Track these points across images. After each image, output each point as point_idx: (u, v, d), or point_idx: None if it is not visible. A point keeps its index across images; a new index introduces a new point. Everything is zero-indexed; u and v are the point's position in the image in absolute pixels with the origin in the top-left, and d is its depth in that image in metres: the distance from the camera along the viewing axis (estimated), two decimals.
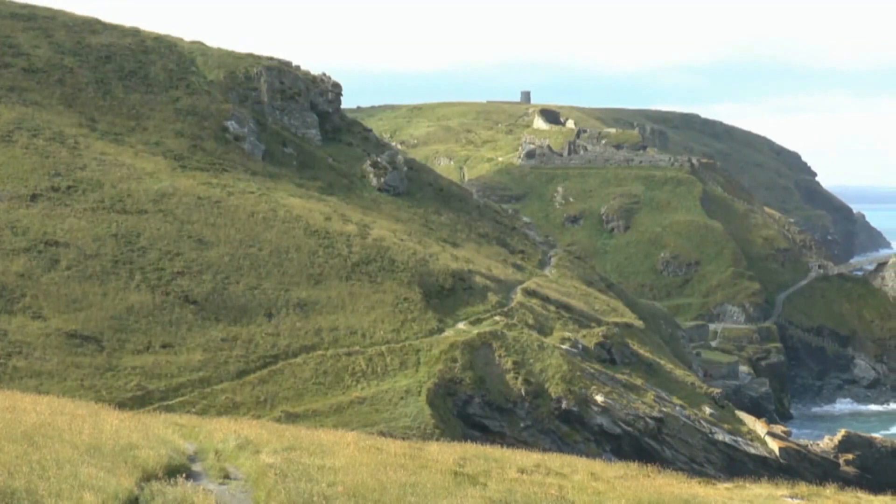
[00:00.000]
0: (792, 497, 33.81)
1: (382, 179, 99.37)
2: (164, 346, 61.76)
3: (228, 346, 63.42)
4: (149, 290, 65.98)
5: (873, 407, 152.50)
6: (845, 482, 57.36)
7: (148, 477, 21.69)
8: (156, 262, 68.90)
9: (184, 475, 22.46)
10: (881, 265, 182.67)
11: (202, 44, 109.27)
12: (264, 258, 73.23)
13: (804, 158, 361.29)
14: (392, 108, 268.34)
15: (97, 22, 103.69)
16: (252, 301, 68.36)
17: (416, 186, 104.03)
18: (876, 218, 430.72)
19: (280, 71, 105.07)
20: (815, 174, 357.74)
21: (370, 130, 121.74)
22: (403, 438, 44.92)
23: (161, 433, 29.98)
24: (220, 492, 22.48)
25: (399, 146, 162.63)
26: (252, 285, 69.79)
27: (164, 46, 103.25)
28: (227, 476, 24.68)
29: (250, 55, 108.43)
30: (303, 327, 67.04)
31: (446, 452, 34.68)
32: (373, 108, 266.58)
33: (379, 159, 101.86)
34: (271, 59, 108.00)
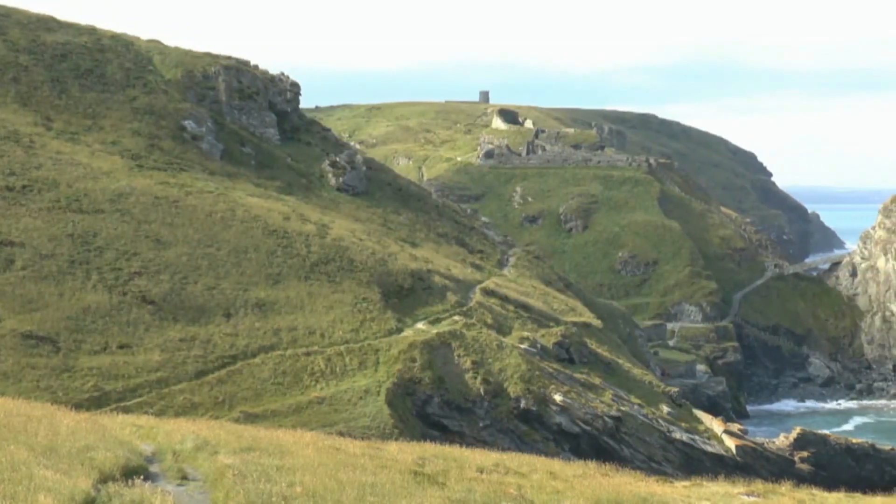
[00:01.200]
0: (748, 494, 34.07)
1: (341, 179, 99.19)
2: (121, 347, 61.34)
3: (186, 347, 63.08)
4: (106, 290, 65.52)
5: (828, 405, 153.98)
6: (800, 479, 57.88)
7: (105, 479, 21.53)
8: (113, 262, 68.43)
9: (141, 476, 22.31)
10: (835, 265, 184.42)
11: (159, 43, 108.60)
12: (223, 258, 72.90)
13: (760, 159, 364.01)
14: (351, 107, 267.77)
15: (52, 20, 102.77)
16: (210, 301, 68.04)
17: (375, 186, 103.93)
18: (830, 218, 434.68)
19: (238, 70, 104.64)
20: (770, 174, 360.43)
21: (329, 130, 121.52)
22: (362, 438, 44.85)
23: (118, 434, 29.79)
24: (177, 493, 22.35)
25: (358, 146, 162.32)
26: (210, 285, 69.47)
27: (121, 45, 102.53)
28: (185, 477, 24.55)
29: (208, 54, 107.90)
30: (261, 327, 66.80)
31: (405, 452, 34.67)
32: (331, 107, 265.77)
33: (338, 159, 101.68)
34: (229, 58, 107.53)
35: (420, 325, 73.39)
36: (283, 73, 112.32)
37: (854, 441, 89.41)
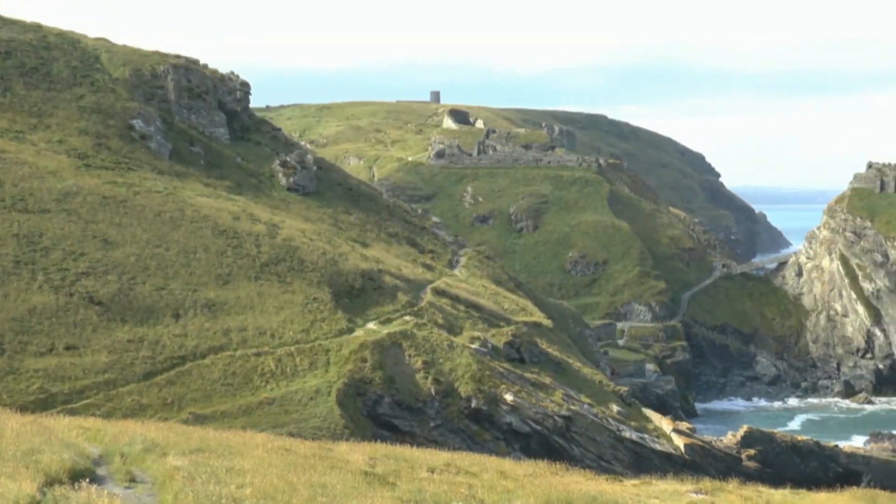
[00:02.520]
0: (696, 492, 34.39)
1: (292, 179, 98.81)
2: (67, 348, 60.75)
3: (135, 348, 62.58)
4: (52, 290, 64.86)
5: (774, 403, 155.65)
6: (747, 477, 58.54)
7: (51, 482, 21.33)
8: (59, 262, 67.75)
9: (88, 479, 22.13)
10: (782, 264, 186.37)
11: (107, 41, 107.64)
12: (171, 258, 72.41)
13: (708, 159, 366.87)
14: (301, 107, 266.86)
15: None
16: (159, 302, 67.55)
17: (325, 186, 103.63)
18: (777, 218, 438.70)
19: (187, 69, 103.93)
20: (718, 175, 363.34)
21: (279, 129, 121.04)
22: (313, 439, 44.76)
23: (65, 437, 29.52)
24: (125, 495, 22.19)
25: (308, 145, 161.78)
26: (159, 286, 68.97)
27: (68, 43, 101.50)
28: (133, 479, 24.38)
29: (156, 53, 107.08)
30: (211, 328, 66.41)
31: (356, 452, 34.66)
32: (282, 107, 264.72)
33: (288, 158, 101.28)
34: (178, 57, 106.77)
35: (371, 326, 73.28)
36: (232, 73, 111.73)
37: (799, 438, 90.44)
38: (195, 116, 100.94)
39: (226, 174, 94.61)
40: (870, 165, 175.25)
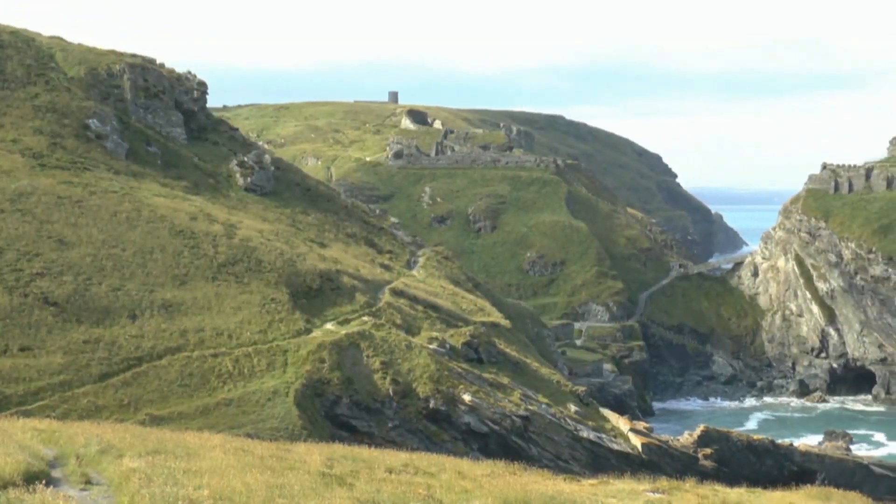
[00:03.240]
0: (653, 491, 34.58)
1: (249, 179, 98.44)
2: (22, 349, 60.27)
3: (90, 349, 62.17)
4: (6, 291, 64.30)
5: (730, 402, 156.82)
6: (704, 476, 58.98)
7: (5, 484, 21.16)
8: (13, 262, 67.17)
9: (43, 482, 21.95)
10: (738, 264, 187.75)
11: (62, 39, 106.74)
12: (128, 259, 71.97)
13: (665, 160, 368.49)
14: (259, 107, 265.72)
15: None
16: (115, 302, 67.14)
17: (283, 186, 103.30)
18: (733, 218, 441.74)
19: (143, 68, 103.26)
20: (675, 175, 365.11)
21: (237, 129, 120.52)
22: (271, 440, 44.63)
23: (19, 439, 29.25)
24: (81, 498, 22.06)
25: (266, 146, 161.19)
26: (115, 286, 68.54)
27: (21, 41, 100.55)
28: (88, 481, 24.21)
29: (112, 52, 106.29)
30: (168, 329, 66.08)
31: (314, 453, 34.59)
32: (239, 106, 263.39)
33: (245, 159, 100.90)
34: (134, 56, 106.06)
35: (329, 326, 73.18)
36: (189, 72, 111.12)
37: (755, 437, 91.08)
38: (152, 116, 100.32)
39: (183, 174, 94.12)
40: (824, 167, 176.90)
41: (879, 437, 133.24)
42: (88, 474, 24.82)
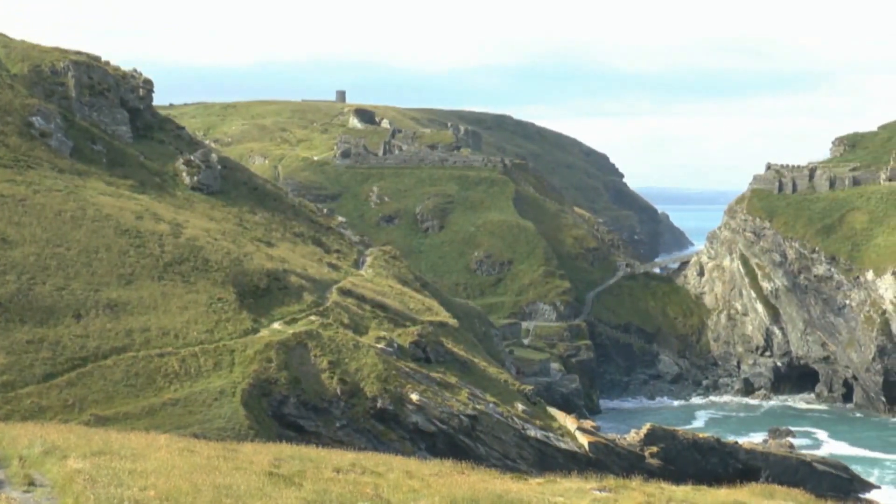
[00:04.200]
0: (600, 490, 34.82)
1: (196, 178, 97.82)
2: None
3: (34, 349, 61.54)
4: None
5: (676, 401, 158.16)
6: (650, 474, 59.41)
7: None
8: None
9: None
10: (684, 264, 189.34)
11: (4, 36, 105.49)
12: (72, 258, 71.30)
13: (612, 160, 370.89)
14: (205, 105, 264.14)
15: None
16: (59, 302, 66.49)
17: (230, 185, 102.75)
18: (679, 218, 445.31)
19: (88, 66, 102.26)
20: (622, 175, 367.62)
21: (183, 128, 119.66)
22: (217, 440, 44.43)
23: None
24: (24, 500, 21.88)
25: (213, 144, 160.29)
26: (59, 286, 67.88)
27: None
28: (32, 483, 24.02)
29: (57, 49, 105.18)
30: (113, 328, 65.56)
31: (261, 453, 34.52)
32: (186, 105, 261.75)
33: (192, 157, 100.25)
34: (79, 53, 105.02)
35: (276, 326, 72.93)
36: (135, 70, 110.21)
37: (700, 436, 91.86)
38: (97, 114, 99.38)
39: (128, 173, 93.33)
40: (769, 167, 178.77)
41: (822, 434, 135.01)
42: (32, 476, 24.61)
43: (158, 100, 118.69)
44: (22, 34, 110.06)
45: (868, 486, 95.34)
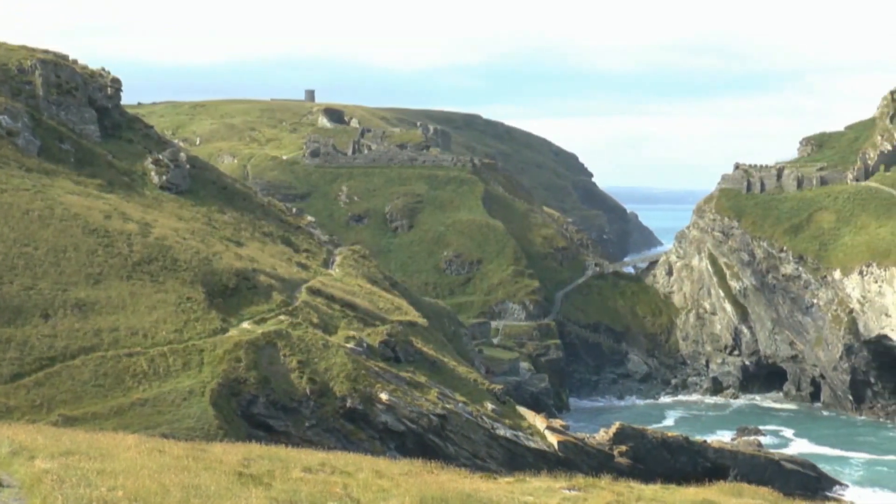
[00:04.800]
0: (569, 489, 34.95)
1: (164, 177, 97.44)
2: None
3: (1, 349, 61.23)
4: None
5: (645, 400, 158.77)
6: (619, 473, 59.64)
7: None
8: None
9: None
10: (653, 263, 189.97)
11: None
12: (40, 257, 70.90)
13: (581, 160, 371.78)
14: (174, 104, 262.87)
15: None
16: (27, 301, 66.12)
17: (199, 184, 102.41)
18: (648, 218, 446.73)
19: (56, 65, 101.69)
20: (591, 175, 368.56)
21: (151, 127, 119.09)
22: (186, 440, 44.28)
23: None
24: None
25: (181, 144, 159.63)
26: (27, 285, 67.49)
27: None
28: None
29: (24, 47, 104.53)
30: (81, 328, 65.24)
31: (230, 453, 34.43)
32: (154, 104, 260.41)
33: (161, 157, 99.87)
34: (46, 52, 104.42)
35: (245, 325, 72.79)
36: (103, 69, 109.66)
37: (669, 435, 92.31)
38: (65, 113, 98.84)
39: (97, 172, 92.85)
40: (737, 167, 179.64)
41: (790, 433, 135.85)
42: None
43: (126, 99, 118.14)
44: None
45: (835, 485, 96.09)
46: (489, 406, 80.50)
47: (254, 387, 66.44)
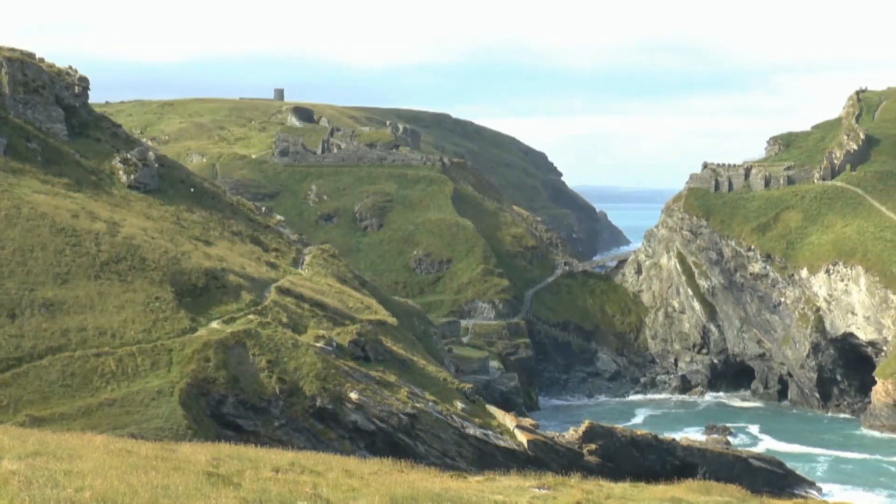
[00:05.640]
0: (539, 487, 35.02)
1: (133, 176, 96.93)
2: None
3: None
4: None
5: (614, 398, 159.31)
6: (589, 471, 59.75)
7: None
8: None
9: None
10: (622, 262, 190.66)
11: None
12: (7, 257, 70.40)
13: (550, 159, 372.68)
14: (142, 103, 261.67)
15: None
16: None
17: (167, 184, 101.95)
18: (617, 217, 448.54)
19: (22, 63, 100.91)
20: (560, 174, 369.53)
21: (120, 126, 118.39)
22: (155, 440, 44.09)
23: None
24: None
25: (150, 142, 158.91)
26: None
27: None
28: None
29: None
30: (49, 328, 64.85)
31: (199, 453, 34.30)
32: (122, 102, 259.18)
33: (129, 156, 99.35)
34: (13, 50, 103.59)
35: (214, 325, 72.54)
36: (70, 67, 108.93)
37: (638, 433, 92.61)
38: (31, 111, 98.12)
39: (64, 171, 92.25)
40: (705, 166, 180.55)
41: (757, 431, 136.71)
42: None
43: (94, 97, 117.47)
44: None
45: (802, 482, 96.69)
46: (459, 405, 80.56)
47: (223, 386, 66.23)
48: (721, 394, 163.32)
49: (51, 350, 63.19)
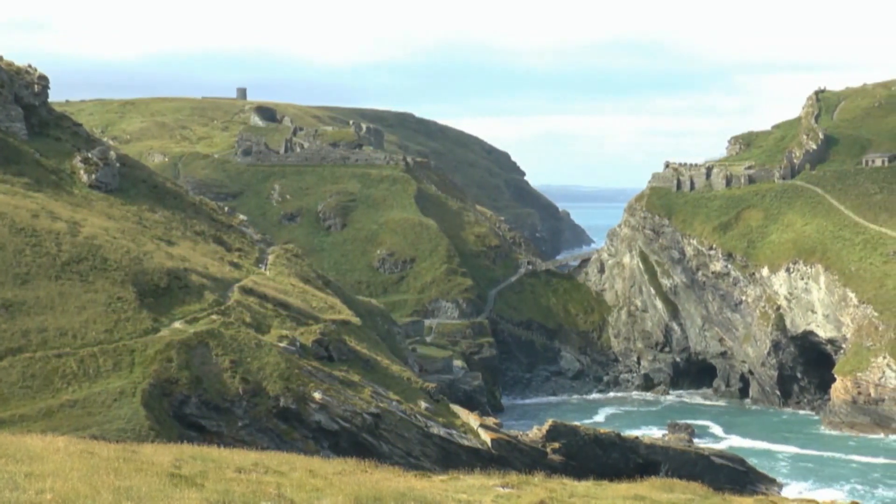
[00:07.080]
0: (503, 486, 35.09)
1: (94, 176, 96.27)
2: None
3: None
4: None
5: (578, 397, 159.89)
6: (552, 470, 59.94)
7: None
8: None
9: None
10: (585, 261, 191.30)
11: None
12: None
13: (513, 158, 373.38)
14: (103, 102, 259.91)
15: None
16: None
17: (129, 183, 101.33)
18: (580, 216, 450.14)
19: None
20: (524, 173, 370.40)
21: (80, 125, 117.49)
22: (117, 441, 43.83)
23: None
24: None
25: (111, 142, 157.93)
26: None
27: None
28: None
29: None
30: (8, 329, 64.31)
31: (162, 454, 34.14)
32: (83, 101, 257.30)
33: (90, 155, 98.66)
34: None
35: (177, 325, 72.19)
36: (30, 66, 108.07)
37: (601, 431, 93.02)
38: None
39: (23, 170, 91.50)
40: (667, 165, 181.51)
41: (719, 428, 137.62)
42: None
43: (54, 96, 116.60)
44: None
45: (763, 479, 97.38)
46: (423, 404, 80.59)
47: (186, 387, 65.93)
48: (683, 392, 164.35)
49: (11, 351, 62.68)
